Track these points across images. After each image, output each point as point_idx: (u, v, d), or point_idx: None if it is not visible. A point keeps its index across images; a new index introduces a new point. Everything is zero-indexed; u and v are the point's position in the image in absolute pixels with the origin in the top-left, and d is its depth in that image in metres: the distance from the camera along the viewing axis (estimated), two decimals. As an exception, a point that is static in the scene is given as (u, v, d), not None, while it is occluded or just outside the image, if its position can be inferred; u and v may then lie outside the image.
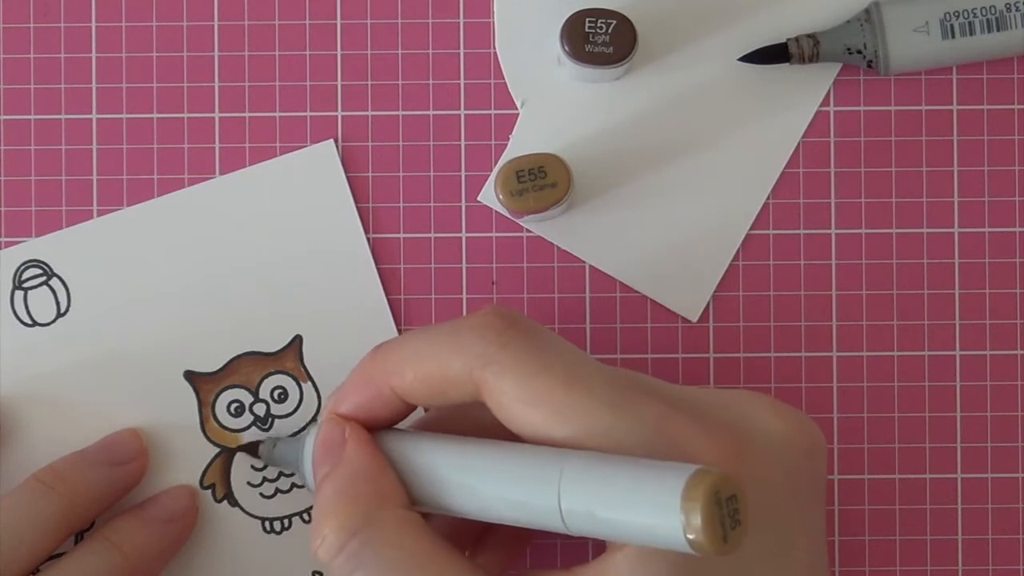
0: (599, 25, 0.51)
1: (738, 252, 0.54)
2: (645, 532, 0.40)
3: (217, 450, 0.53)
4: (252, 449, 0.53)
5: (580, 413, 0.43)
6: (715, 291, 0.54)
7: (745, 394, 0.46)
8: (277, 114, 0.54)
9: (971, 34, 0.53)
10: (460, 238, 0.54)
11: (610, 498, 0.40)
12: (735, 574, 0.43)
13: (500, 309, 0.45)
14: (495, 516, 0.44)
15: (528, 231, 0.54)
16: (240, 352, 0.54)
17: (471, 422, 0.47)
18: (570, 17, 0.52)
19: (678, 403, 0.44)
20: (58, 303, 0.54)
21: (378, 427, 0.47)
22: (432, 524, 0.45)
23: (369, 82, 0.54)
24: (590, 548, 0.54)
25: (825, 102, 0.54)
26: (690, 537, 0.39)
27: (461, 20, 0.54)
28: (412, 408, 0.47)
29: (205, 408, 0.54)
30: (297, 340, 0.54)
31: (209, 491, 0.53)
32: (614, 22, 0.51)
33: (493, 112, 0.54)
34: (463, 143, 0.54)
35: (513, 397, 0.43)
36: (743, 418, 0.45)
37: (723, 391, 0.46)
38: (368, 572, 0.43)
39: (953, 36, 0.53)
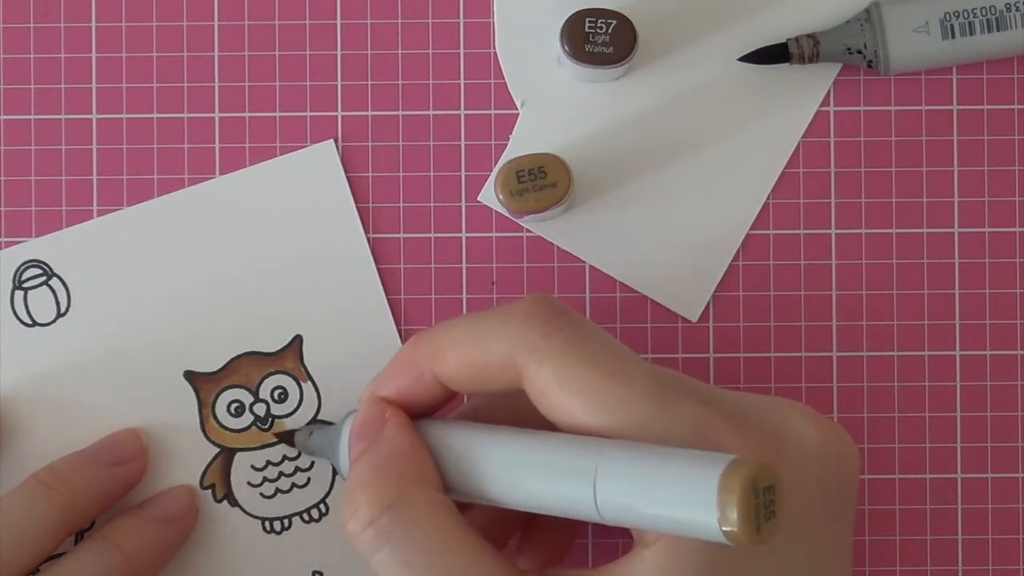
0: (599, 25, 0.51)
1: (738, 252, 0.54)
2: (680, 521, 0.40)
3: (217, 450, 0.53)
4: (288, 438, 0.52)
5: (620, 405, 0.43)
6: (715, 291, 0.54)
7: (783, 402, 0.46)
8: (277, 114, 0.54)
9: (971, 34, 0.53)
10: (460, 238, 0.54)
11: (646, 485, 0.40)
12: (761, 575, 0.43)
13: (547, 298, 0.45)
14: (530, 504, 0.43)
15: (528, 231, 0.54)
16: (240, 352, 0.54)
17: (510, 411, 0.47)
18: (570, 17, 0.51)
19: (717, 405, 0.44)
20: (58, 303, 0.54)
21: (417, 414, 0.47)
22: (469, 519, 0.44)
23: (369, 82, 0.54)
24: (590, 552, 0.54)
25: (825, 102, 0.54)
26: (725, 529, 0.38)
27: (461, 20, 0.54)
28: (452, 395, 0.46)
29: (205, 408, 0.54)
30: (297, 340, 0.54)
31: (209, 491, 0.53)
32: (614, 22, 0.51)
33: (493, 112, 0.54)
34: (463, 143, 0.54)
35: (554, 385, 0.43)
36: (780, 424, 0.45)
37: (761, 397, 0.46)
38: (395, 549, 0.43)
39: (953, 36, 0.53)
